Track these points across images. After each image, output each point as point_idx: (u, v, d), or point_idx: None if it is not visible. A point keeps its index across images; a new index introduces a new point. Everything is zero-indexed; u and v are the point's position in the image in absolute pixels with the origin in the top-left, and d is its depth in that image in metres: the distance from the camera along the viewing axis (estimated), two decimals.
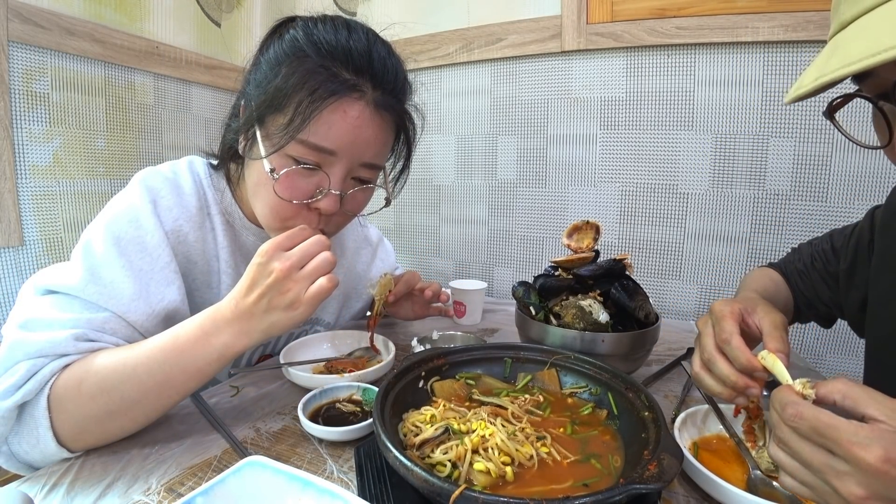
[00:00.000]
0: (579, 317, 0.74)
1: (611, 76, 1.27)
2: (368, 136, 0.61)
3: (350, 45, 0.59)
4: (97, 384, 0.52)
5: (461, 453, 0.45)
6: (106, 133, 1.35)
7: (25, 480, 0.50)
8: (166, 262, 0.62)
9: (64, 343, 0.53)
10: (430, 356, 0.62)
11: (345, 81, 0.58)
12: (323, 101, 0.57)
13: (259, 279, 0.54)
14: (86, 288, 0.56)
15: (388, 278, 0.84)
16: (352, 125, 0.59)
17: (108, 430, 0.54)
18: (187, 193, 0.68)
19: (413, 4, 1.51)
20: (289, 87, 0.57)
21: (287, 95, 0.57)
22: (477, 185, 1.49)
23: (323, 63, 0.58)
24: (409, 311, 0.98)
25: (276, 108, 0.58)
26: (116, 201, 0.64)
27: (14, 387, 0.50)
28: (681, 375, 0.80)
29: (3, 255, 1.15)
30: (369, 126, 0.61)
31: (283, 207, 0.63)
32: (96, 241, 0.59)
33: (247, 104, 0.63)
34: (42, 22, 1.17)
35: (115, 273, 0.58)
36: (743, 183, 1.18)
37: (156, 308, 0.60)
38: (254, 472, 0.40)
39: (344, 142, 0.60)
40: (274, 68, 0.59)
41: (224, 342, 0.55)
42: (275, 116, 0.59)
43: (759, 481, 0.49)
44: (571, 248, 0.82)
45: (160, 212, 0.64)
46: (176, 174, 0.69)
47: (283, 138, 0.57)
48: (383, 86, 0.61)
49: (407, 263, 1.66)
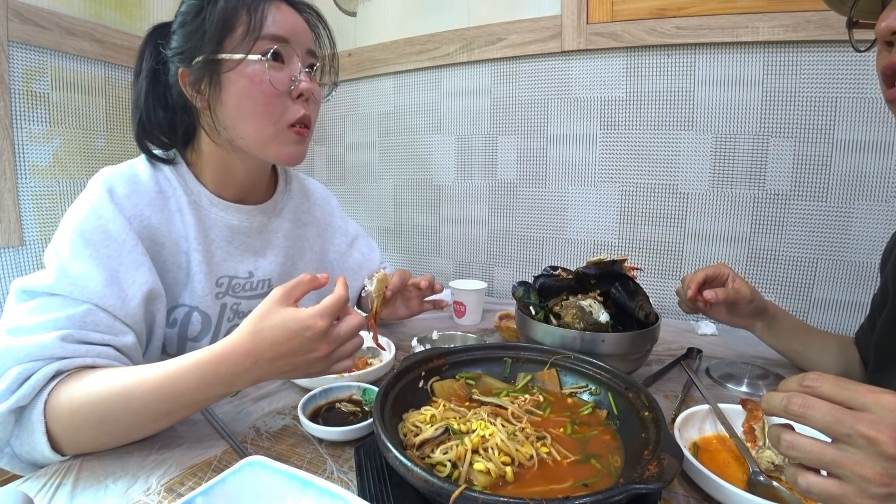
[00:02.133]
0: (579, 317, 0.74)
1: (611, 76, 1.27)
2: (301, 24, 0.71)
3: None
4: (90, 409, 0.52)
5: (461, 453, 0.45)
6: (106, 133, 1.35)
7: (25, 480, 0.50)
8: (132, 246, 0.63)
9: (52, 346, 0.53)
10: (430, 356, 0.62)
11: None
12: (263, 3, 0.66)
13: (298, 351, 0.53)
14: (59, 283, 0.57)
15: (384, 274, 0.84)
16: (288, 16, 0.69)
17: (102, 443, 0.55)
18: (144, 181, 0.69)
19: (413, 4, 1.51)
20: (230, 8, 0.65)
21: (233, 13, 0.65)
22: (477, 185, 1.49)
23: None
24: (402, 310, 0.98)
25: (228, 28, 0.65)
26: (76, 203, 0.65)
27: (7, 391, 0.50)
28: (681, 375, 0.80)
29: (3, 255, 1.15)
30: (297, 18, 0.71)
31: (274, 105, 0.67)
32: (62, 241, 0.60)
33: (187, 64, 0.67)
34: (42, 22, 1.17)
35: (84, 264, 0.59)
36: (743, 183, 1.18)
37: (129, 291, 0.61)
38: (254, 472, 0.40)
39: (290, 29, 0.68)
40: (196, 17, 0.66)
41: (228, 391, 0.55)
42: (230, 36, 0.65)
43: (759, 481, 0.49)
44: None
45: (118, 200, 0.65)
46: (131, 167, 0.71)
47: (251, 39, 0.65)
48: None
49: (407, 263, 1.66)
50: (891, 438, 0.34)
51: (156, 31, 0.73)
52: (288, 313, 0.52)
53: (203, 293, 0.72)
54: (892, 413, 0.35)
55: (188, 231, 0.71)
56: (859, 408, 0.36)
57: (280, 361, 0.53)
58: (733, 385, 0.78)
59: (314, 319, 0.52)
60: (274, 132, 0.69)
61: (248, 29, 0.65)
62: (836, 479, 0.36)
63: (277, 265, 0.82)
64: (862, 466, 0.34)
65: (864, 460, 0.34)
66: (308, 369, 0.56)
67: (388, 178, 1.64)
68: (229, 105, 0.67)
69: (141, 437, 0.56)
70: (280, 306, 0.53)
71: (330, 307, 0.53)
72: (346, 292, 0.56)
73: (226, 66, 0.65)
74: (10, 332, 0.54)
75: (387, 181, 1.65)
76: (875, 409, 0.35)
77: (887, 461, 0.34)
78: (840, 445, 0.36)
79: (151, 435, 0.57)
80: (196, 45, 0.66)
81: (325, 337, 0.53)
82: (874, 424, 0.35)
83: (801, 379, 0.40)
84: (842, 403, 0.37)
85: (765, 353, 0.96)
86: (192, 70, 0.67)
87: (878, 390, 0.36)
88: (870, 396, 0.36)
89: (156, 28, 0.73)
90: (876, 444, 0.34)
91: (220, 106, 0.68)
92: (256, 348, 0.52)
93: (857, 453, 0.35)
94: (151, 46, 0.72)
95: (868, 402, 0.36)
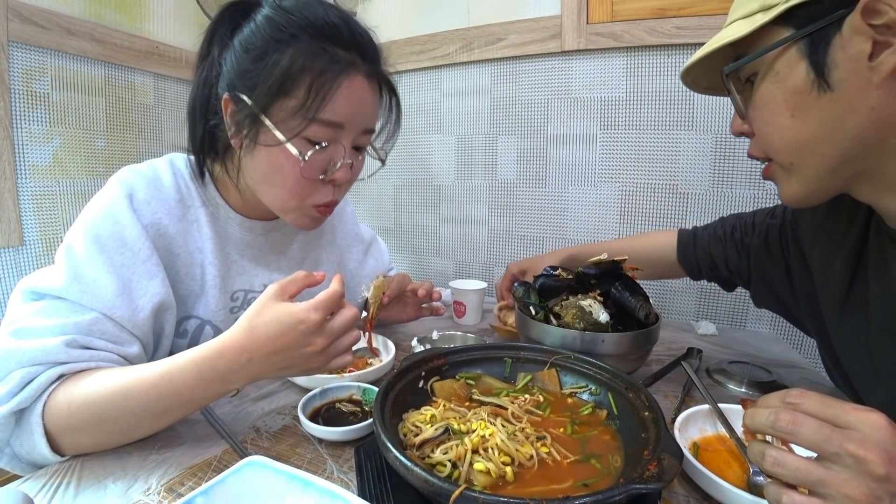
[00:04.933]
0: (579, 317, 0.74)
1: (611, 76, 1.27)
2: (367, 104, 0.66)
3: (332, 21, 0.61)
4: (88, 410, 0.52)
5: (461, 453, 0.45)
6: (106, 133, 1.35)
7: (25, 480, 0.50)
8: (147, 256, 0.62)
9: (55, 351, 0.53)
10: (430, 356, 0.62)
11: (343, 59, 0.61)
12: (334, 80, 0.60)
13: (293, 346, 0.52)
14: (69, 288, 0.56)
15: (382, 280, 0.85)
16: (357, 98, 0.63)
17: (102, 443, 0.55)
18: (166, 187, 0.68)
19: (413, 4, 1.51)
20: (294, 72, 0.59)
21: (294, 80, 0.59)
22: (477, 185, 1.49)
23: (317, 43, 0.60)
24: (401, 314, 0.98)
25: (284, 93, 0.60)
26: (94, 201, 0.64)
27: (9, 394, 0.50)
28: (681, 375, 0.80)
29: (3, 255, 1.15)
30: (367, 95, 0.65)
31: (303, 187, 0.65)
32: (76, 241, 0.60)
33: (234, 97, 0.62)
34: (42, 22, 1.17)
35: (97, 271, 0.58)
36: (743, 183, 1.18)
37: (140, 302, 0.60)
38: (254, 472, 0.40)
39: (351, 114, 0.63)
40: (261, 56, 0.60)
41: (226, 388, 0.55)
42: (283, 101, 0.60)
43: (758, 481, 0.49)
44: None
45: (137, 206, 0.63)
46: (154, 170, 0.69)
47: (302, 121, 0.60)
48: (370, 56, 0.65)
49: (407, 263, 1.66)
50: (878, 458, 0.33)
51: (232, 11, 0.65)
52: (282, 308, 0.52)
53: (217, 307, 0.71)
54: (879, 431, 0.35)
55: (204, 243, 0.70)
56: (844, 426, 0.36)
57: (276, 357, 0.53)
58: (733, 385, 0.78)
59: (307, 313, 0.51)
60: (296, 206, 0.68)
61: (302, 106, 0.59)
62: (820, 497, 0.35)
63: None
64: (848, 486, 0.34)
65: (850, 479, 0.34)
66: (305, 365, 0.55)
67: (388, 178, 1.64)
68: (257, 167, 0.65)
69: (140, 436, 0.56)
70: (274, 301, 0.53)
71: (324, 301, 0.53)
72: (340, 287, 0.55)
73: (265, 131, 0.62)
74: (15, 334, 0.54)
75: (387, 181, 1.65)
76: (861, 427, 0.35)
77: (874, 481, 0.33)
78: (825, 463, 0.36)
79: (151, 434, 0.57)
80: (247, 84, 0.61)
81: (320, 331, 0.53)
82: (862, 443, 0.34)
83: (784, 395, 0.40)
84: (826, 421, 0.37)
85: (765, 353, 0.96)
86: (235, 105, 0.62)
87: (861, 408, 0.36)
88: (854, 414, 0.36)
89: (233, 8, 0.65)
90: (864, 463, 0.34)
91: (249, 158, 0.65)
92: (252, 344, 0.52)
93: (844, 472, 0.35)
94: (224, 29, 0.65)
95: (853, 420, 0.36)
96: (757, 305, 0.84)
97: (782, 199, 0.57)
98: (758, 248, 0.78)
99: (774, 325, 1.19)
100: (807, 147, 0.49)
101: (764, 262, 0.78)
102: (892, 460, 0.34)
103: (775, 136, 0.51)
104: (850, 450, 0.34)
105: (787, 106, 0.49)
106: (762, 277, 0.79)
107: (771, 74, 0.50)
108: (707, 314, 1.25)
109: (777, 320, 1.19)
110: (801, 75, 0.47)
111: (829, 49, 0.45)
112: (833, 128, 0.47)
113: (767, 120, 0.52)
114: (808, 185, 0.52)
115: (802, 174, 0.52)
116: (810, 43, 0.46)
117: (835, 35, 0.44)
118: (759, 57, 0.49)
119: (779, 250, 0.75)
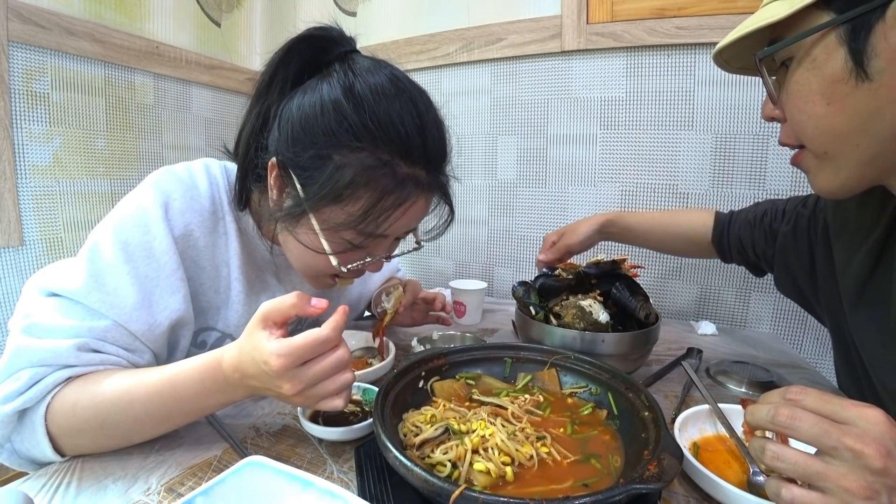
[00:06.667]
0: (579, 317, 0.74)
1: (611, 76, 1.27)
2: (419, 218, 0.65)
3: (405, 129, 0.57)
4: (92, 412, 0.52)
5: (461, 453, 0.46)
6: (106, 133, 1.35)
7: (26, 480, 0.50)
8: (173, 270, 0.61)
9: (66, 353, 0.52)
10: (430, 356, 0.62)
11: (407, 178, 0.57)
12: (395, 206, 0.57)
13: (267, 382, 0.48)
14: (89, 294, 0.55)
15: (401, 292, 0.86)
16: (411, 216, 0.61)
17: (103, 446, 0.55)
18: (202, 196, 0.66)
19: (413, 4, 1.50)
20: (354, 186, 0.55)
21: (352, 194, 0.56)
22: (477, 185, 1.49)
23: (385, 155, 0.56)
24: (408, 319, 0.99)
25: (337, 201, 0.57)
26: (127, 202, 0.62)
27: (16, 393, 0.50)
28: (681, 375, 0.80)
29: (3, 255, 1.15)
30: (423, 212, 0.64)
31: (330, 271, 0.65)
32: (104, 243, 0.58)
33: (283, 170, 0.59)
34: (42, 22, 1.17)
35: (120, 280, 0.57)
36: (743, 183, 1.18)
37: (158, 317, 0.59)
38: (254, 472, 0.40)
39: (401, 228, 0.63)
40: (319, 153, 0.56)
41: (229, 399, 0.54)
42: (334, 208, 0.58)
43: (759, 481, 0.49)
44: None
45: (171, 216, 0.62)
46: (192, 176, 0.66)
47: (350, 231, 0.58)
48: (436, 167, 0.62)
49: (407, 263, 1.65)
50: (876, 452, 0.34)
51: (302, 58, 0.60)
52: (256, 340, 0.48)
53: (239, 323, 0.71)
54: (877, 427, 0.35)
55: (231, 259, 0.69)
56: (843, 421, 0.37)
57: (262, 387, 0.50)
58: (733, 385, 0.78)
59: (271, 356, 0.46)
60: (316, 278, 0.69)
61: (355, 220, 0.57)
62: (820, 491, 0.36)
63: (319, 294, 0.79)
64: (846, 479, 0.35)
65: (848, 473, 0.35)
66: (288, 402, 0.51)
67: None
68: (290, 242, 0.63)
69: (142, 440, 0.56)
70: (256, 328, 0.49)
71: (295, 347, 0.46)
72: (328, 333, 0.48)
73: (308, 229, 0.60)
74: (27, 331, 0.53)
75: None
76: (859, 423, 0.36)
77: (872, 474, 0.34)
78: (824, 458, 0.36)
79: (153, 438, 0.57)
80: (299, 171, 0.57)
81: (287, 376, 0.47)
82: (860, 438, 0.35)
83: (784, 392, 0.40)
84: (825, 416, 0.37)
85: (765, 352, 0.96)
86: (282, 179, 0.60)
87: (860, 404, 0.37)
88: (853, 410, 0.37)
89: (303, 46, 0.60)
90: (862, 456, 0.34)
91: (284, 229, 0.63)
92: (240, 365, 0.49)
93: (842, 466, 0.35)
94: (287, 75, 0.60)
95: (852, 416, 0.36)
96: (778, 289, 0.84)
97: (814, 189, 0.56)
98: (784, 235, 0.77)
99: (774, 325, 1.19)
100: (842, 137, 0.48)
101: (788, 249, 0.77)
102: (889, 454, 0.34)
103: (810, 124, 0.50)
104: (849, 444, 0.35)
105: (823, 94, 0.47)
106: (784, 264, 0.79)
107: (808, 61, 0.48)
108: (707, 314, 1.26)
109: (777, 320, 1.19)
110: (839, 63, 0.45)
111: (870, 36, 0.43)
112: (870, 119, 0.46)
113: (801, 108, 0.50)
114: (842, 175, 0.51)
115: (836, 164, 0.50)
116: (850, 30, 0.44)
117: (877, 22, 0.42)
118: (795, 42, 0.47)
119: (805, 239, 0.74)
